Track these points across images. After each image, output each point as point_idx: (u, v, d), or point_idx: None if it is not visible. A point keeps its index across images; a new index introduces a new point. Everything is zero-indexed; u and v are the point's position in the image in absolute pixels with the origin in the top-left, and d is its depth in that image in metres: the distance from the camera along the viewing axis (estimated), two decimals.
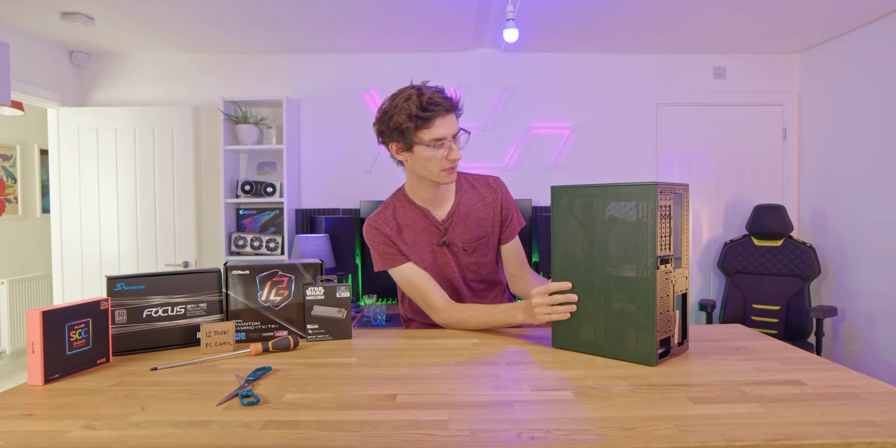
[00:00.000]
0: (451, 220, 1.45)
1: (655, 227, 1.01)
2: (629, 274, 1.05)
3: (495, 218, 1.49)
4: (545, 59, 3.67)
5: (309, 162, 3.66)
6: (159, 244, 3.45)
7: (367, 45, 3.46)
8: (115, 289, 1.16)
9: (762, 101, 3.68)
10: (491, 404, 0.85)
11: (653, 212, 1.01)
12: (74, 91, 3.56)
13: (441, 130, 1.30)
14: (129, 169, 3.43)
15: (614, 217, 1.07)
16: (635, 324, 1.05)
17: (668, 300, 1.05)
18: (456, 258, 1.47)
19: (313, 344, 1.24)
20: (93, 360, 1.07)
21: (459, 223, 1.46)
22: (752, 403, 0.84)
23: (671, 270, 1.05)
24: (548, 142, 3.67)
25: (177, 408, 0.86)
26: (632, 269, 1.04)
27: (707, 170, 3.71)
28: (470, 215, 1.46)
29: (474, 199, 1.48)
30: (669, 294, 1.05)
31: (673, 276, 1.06)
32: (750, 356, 1.10)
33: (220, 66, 3.62)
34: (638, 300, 1.04)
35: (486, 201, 1.49)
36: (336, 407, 0.85)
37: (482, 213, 1.48)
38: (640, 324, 1.04)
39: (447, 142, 1.31)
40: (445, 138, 1.30)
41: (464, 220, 1.46)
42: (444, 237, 1.45)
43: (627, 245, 1.05)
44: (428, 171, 1.35)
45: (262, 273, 1.26)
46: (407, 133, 1.31)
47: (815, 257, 3.19)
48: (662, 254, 1.03)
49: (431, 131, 1.30)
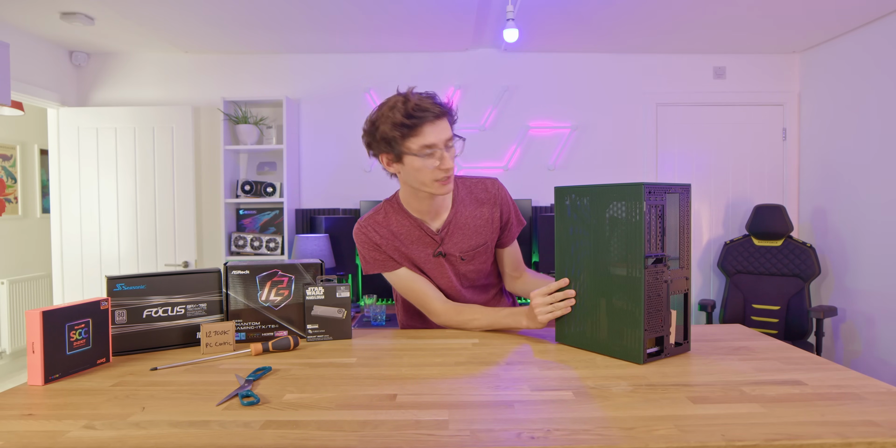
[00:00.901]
0: (447, 231, 1.39)
1: (642, 227, 1.02)
2: (622, 273, 1.06)
3: (494, 224, 1.44)
4: (545, 59, 3.67)
5: (309, 162, 3.66)
6: (159, 244, 3.45)
7: (367, 45, 3.46)
8: (115, 289, 1.16)
9: (762, 101, 3.68)
10: (491, 404, 0.85)
11: (640, 211, 1.02)
12: (74, 91, 3.56)
13: (430, 137, 1.21)
14: (129, 169, 3.43)
15: (614, 217, 1.07)
16: (628, 322, 1.06)
17: (659, 300, 1.05)
18: (454, 267, 1.42)
19: (313, 344, 1.24)
20: (93, 360, 1.07)
21: (456, 233, 1.40)
22: (752, 403, 0.84)
23: (664, 270, 1.05)
24: (548, 142, 3.67)
25: (177, 408, 0.86)
26: (624, 268, 1.05)
27: (707, 170, 3.71)
28: (468, 224, 1.41)
29: (472, 207, 1.42)
30: (661, 294, 1.05)
31: (668, 276, 1.06)
32: (750, 356, 1.10)
33: (220, 66, 3.62)
34: (629, 298, 1.05)
35: (485, 207, 1.42)
36: (336, 407, 0.85)
37: (481, 220, 1.42)
38: (631, 322, 1.05)
39: (438, 150, 1.23)
40: (436, 146, 1.22)
41: (461, 230, 1.40)
42: (439, 248, 1.40)
43: (622, 244, 1.06)
44: (420, 183, 1.28)
45: (263, 273, 1.26)
46: (394, 143, 1.23)
47: (815, 257, 3.19)
48: (652, 253, 1.03)
49: (419, 139, 1.21)
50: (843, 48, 3.29)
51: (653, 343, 1.09)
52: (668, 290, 1.07)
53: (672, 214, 1.08)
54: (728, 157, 3.71)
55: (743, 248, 3.41)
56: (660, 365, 1.04)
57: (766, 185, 3.71)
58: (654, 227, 1.04)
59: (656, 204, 1.04)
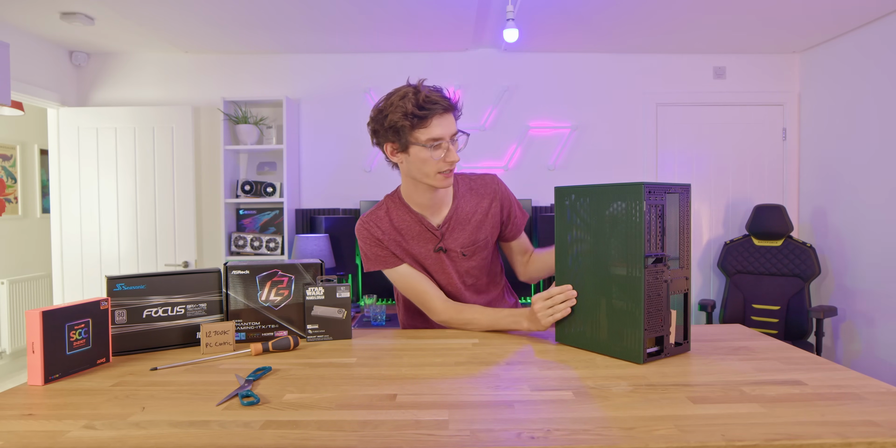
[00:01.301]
0: (447, 226, 1.40)
1: (642, 227, 1.02)
2: (622, 272, 1.06)
3: (494, 218, 1.45)
4: (545, 59, 3.67)
5: (309, 162, 3.66)
6: (159, 244, 3.45)
7: (367, 45, 3.46)
8: (115, 289, 1.16)
9: (762, 101, 3.68)
10: (491, 404, 0.85)
11: (640, 211, 1.02)
12: (74, 91, 3.56)
13: (438, 130, 1.25)
14: (129, 169, 3.43)
15: (614, 216, 1.07)
16: (628, 322, 1.06)
17: (659, 299, 1.05)
18: (454, 264, 1.43)
19: (313, 344, 1.24)
20: (93, 360, 1.07)
21: (457, 228, 1.41)
22: (752, 403, 0.84)
23: (664, 270, 1.05)
24: (548, 142, 3.67)
25: (177, 408, 0.86)
26: (624, 268, 1.06)
27: (707, 170, 3.71)
28: (469, 219, 1.42)
29: (472, 202, 1.43)
30: (661, 293, 1.05)
31: (668, 276, 1.06)
32: (750, 356, 1.10)
33: (220, 66, 3.62)
34: (629, 298, 1.05)
35: (485, 201, 1.44)
36: (336, 407, 0.85)
37: (481, 215, 1.43)
38: (631, 322, 1.05)
39: (444, 143, 1.26)
40: (443, 139, 1.25)
41: (462, 225, 1.41)
42: (440, 243, 1.40)
43: (622, 244, 1.06)
44: (423, 174, 1.30)
45: (262, 273, 1.26)
46: (402, 132, 1.25)
47: (815, 257, 3.19)
48: (652, 252, 1.04)
49: (428, 131, 1.24)
50: (843, 48, 3.29)
51: (653, 343, 1.09)
52: (668, 290, 1.07)
53: (672, 214, 1.08)
54: (728, 157, 3.70)
55: (743, 248, 3.41)
56: (660, 365, 1.04)
57: (766, 184, 3.71)
58: (654, 227, 1.04)
59: (656, 204, 1.04)
